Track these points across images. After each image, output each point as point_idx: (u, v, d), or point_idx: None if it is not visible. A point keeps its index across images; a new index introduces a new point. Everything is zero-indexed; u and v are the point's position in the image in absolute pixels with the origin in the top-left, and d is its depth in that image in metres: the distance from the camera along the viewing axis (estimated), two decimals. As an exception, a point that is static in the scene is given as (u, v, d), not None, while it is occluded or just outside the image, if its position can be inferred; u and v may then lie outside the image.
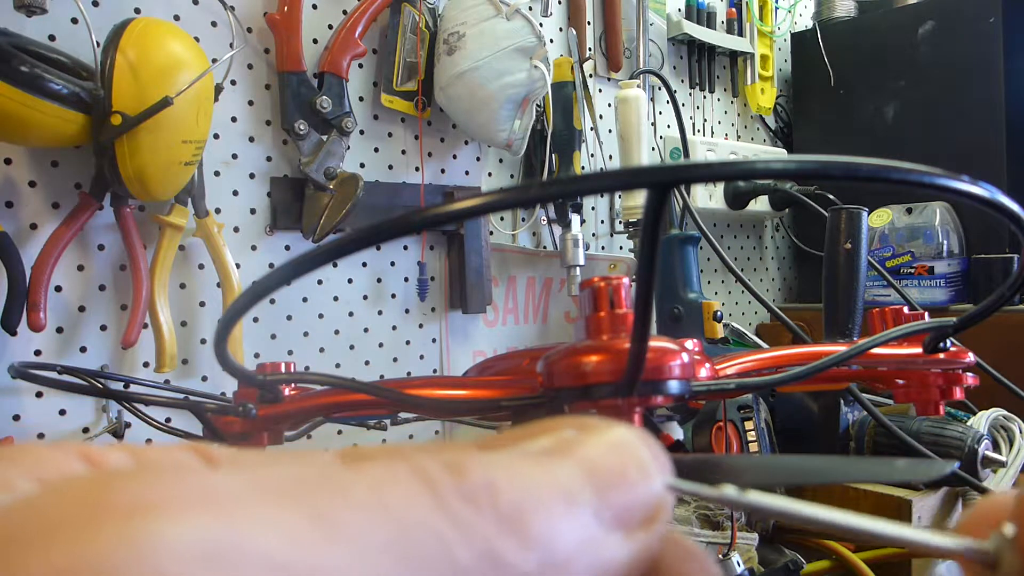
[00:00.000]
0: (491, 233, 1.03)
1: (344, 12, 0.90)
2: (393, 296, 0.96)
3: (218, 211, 0.82)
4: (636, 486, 0.13)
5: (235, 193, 0.84)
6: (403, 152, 0.97)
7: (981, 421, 0.82)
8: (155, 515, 0.10)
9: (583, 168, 1.08)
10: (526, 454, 0.13)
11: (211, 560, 0.09)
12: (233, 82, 0.83)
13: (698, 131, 1.34)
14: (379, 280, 0.95)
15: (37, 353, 0.72)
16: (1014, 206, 0.21)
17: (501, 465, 0.12)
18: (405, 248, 0.97)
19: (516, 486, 0.12)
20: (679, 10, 1.29)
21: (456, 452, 0.12)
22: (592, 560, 0.12)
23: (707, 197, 1.24)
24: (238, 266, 0.81)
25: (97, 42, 0.67)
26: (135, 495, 0.10)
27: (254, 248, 0.86)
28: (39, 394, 0.72)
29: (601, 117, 1.17)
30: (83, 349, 0.75)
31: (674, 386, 0.35)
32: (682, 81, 1.32)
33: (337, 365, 0.92)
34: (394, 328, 0.97)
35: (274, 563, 0.10)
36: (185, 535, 0.09)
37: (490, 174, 1.06)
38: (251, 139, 0.85)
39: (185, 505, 0.10)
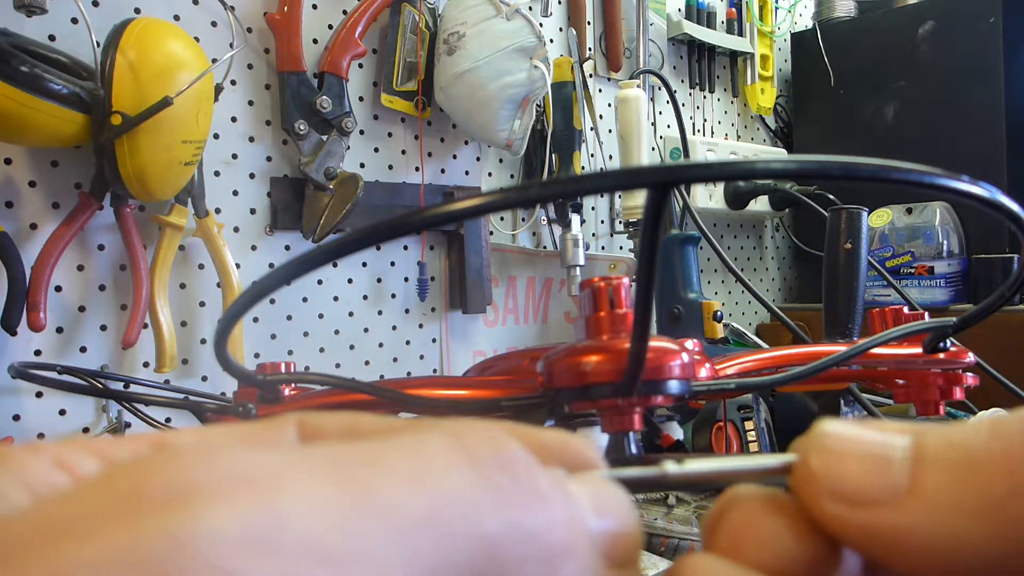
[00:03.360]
0: (491, 233, 1.03)
1: (344, 12, 0.90)
2: (393, 296, 0.96)
3: (218, 211, 0.82)
4: (626, 525, 0.13)
5: (235, 193, 0.84)
6: (403, 152, 0.97)
7: (981, 421, 0.82)
8: (193, 502, 0.10)
9: (583, 168, 1.08)
10: None
11: (252, 545, 0.09)
12: (233, 82, 0.83)
13: (698, 131, 1.34)
14: (379, 280, 0.95)
15: (37, 353, 0.72)
16: (1014, 206, 0.21)
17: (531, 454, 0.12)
18: (405, 248, 0.97)
19: (549, 472, 0.12)
20: (679, 10, 1.29)
21: (490, 427, 0.13)
22: (585, 567, 0.12)
23: (707, 197, 1.24)
24: (238, 266, 0.81)
25: (97, 42, 0.67)
26: (172, 482, 0.10)
27: (254, 248, 0.86)
28: (39, 394, 0.72)
29: (601, 117, 1.17)
30: (83, 349, 0.75)
31: (674, 386, 0.35)
32: (682, 81, 1.32)
33: (337, 365, 0.92)
34: (394, 328, 0.97)
35: (313, 547, 0.10)
36: (225, 521, 0.09)
37: (490, 174, 1.06)
38: (251, 139, 0.85)
39: (223, 488, 0.10)
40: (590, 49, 1.17)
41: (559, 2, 1.13)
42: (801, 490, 0.14)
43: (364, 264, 0.94)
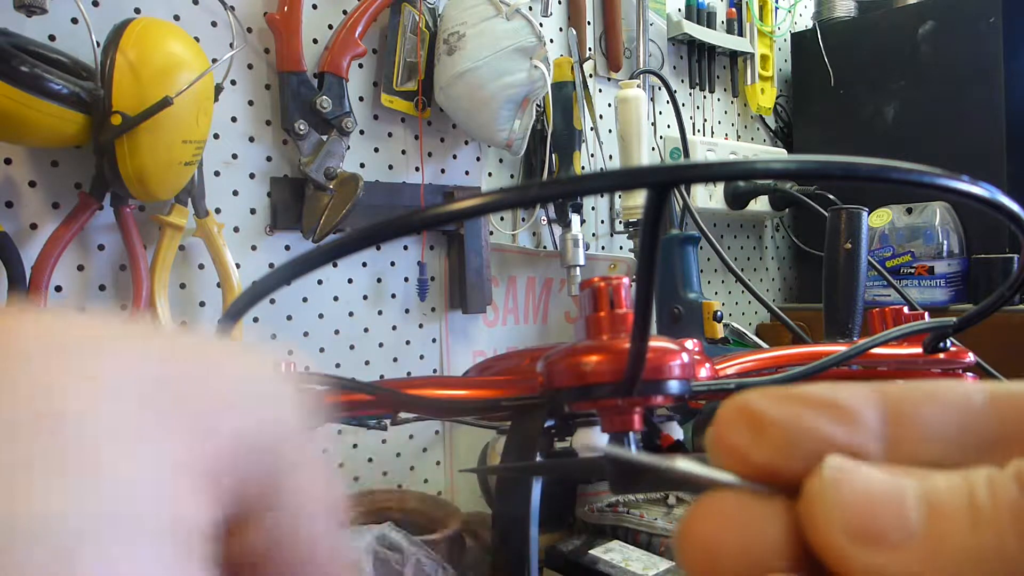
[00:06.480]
0: (491, 233, 1.03)
1: (344, 12, 0.90)
2: (393, 296, 0.96)
3: (218, 211, 0.82)
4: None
5: (235, 193, 0.84)
6: (403, 152, 0.97)
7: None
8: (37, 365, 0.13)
9: (583, 168, 1.08)
10: None
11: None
12: (233, 82, 0.83)
13: (698, 131, 1.34)
14: (379, 280, 0.95)
15: (37, 353, 0.72)
16: (1014, 206, 0.21)
17: None
18: (405, 248, 0.97)
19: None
20: (679, 10, 1.29)
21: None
22: None
23: (707, 197, 1.24)
24: (238, 266, 0.81)
25: (97, 42, 0.67)
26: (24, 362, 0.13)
27: (254, 248, 0.86)
28: (39, 394, 0.72)
29: (601, 117, 1.17)
30: (83, 349, 0.75)
31: (674, 386, 0.35)
32: (682, 81, 1.32)
33: (337, 365, 0.92)
34: (394, 328, 0.96)
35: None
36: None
37: (490, 174, 1.06)
38: (251, 139, 0.85)
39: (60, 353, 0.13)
40: (590, 49, 1.17)
41: (559, 2, 1.13)
42: (809, 520, 0.14)
43: (364, 264, 0.94)
